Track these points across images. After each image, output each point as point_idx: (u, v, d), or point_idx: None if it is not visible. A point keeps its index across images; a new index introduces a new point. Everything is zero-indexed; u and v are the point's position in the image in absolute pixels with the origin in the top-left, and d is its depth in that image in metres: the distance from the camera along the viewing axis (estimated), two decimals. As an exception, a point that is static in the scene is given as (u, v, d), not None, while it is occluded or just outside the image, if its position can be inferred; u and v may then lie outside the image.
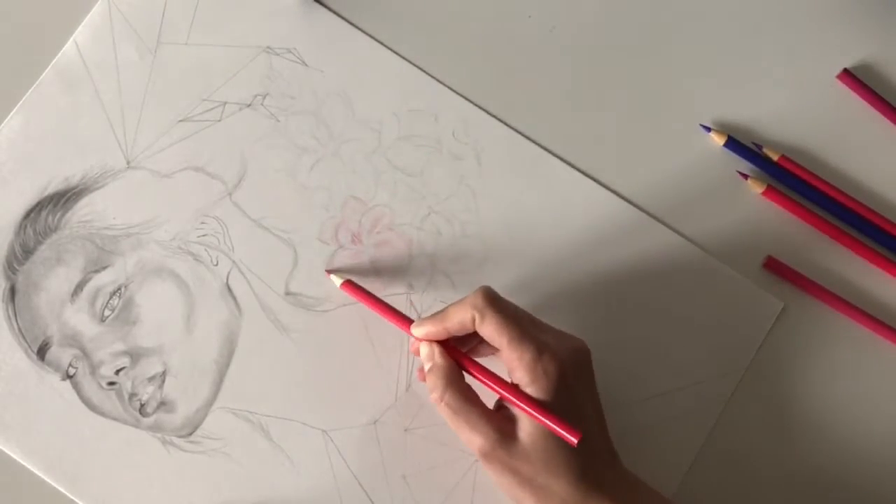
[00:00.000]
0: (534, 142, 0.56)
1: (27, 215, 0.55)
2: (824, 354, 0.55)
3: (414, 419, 0.54)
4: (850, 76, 0.57)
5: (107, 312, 0.54)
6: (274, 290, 0.55)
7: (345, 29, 0.57)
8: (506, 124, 0.56)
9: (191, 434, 0.53)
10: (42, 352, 0.54)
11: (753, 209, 0.56)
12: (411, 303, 0.55)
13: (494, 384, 0.47)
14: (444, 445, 0.53)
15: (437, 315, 0.48)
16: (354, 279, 0.53)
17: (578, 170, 0.56)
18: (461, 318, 0.47)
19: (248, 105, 0.56)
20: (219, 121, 0.56)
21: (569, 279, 0.55)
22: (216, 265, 0.55)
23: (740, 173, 0.56)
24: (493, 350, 0.50)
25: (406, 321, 0.50)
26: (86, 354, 0.54)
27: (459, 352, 0.49)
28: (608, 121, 0.57)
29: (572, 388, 0.46)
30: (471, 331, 0.47)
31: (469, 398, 0.47)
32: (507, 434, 0.46)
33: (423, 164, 0.56)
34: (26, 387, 0.54)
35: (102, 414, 0.53)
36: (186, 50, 0.57)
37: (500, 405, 0.48)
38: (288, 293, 0.55)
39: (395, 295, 0.55)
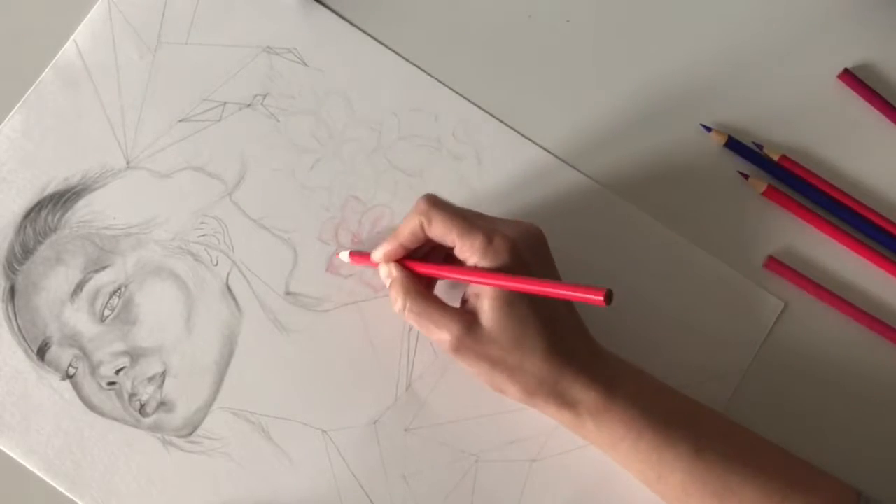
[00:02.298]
0: (534, 142, 0.56)
1: (27, 215, 0.55)
2: (824, 354, 0.55)
3: (414, 419, 0.54)
4: (851, 76, 0.57)
5: (107, 312, 0.54)
6: (274, 290, 0.55)
7: (345, 29, 0.57)
8: (506, 124, 0.56)
9: (191, 434, 0.53)
10: (42, 352, 0.54)
11: (753, 209, 0.56)
12: (411, 303, 0.55)
13: (465, 274, 0.47)
14: (444, 445, 0.53)
15: (391, 235, 0.50)
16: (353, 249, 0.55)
17: (578, 170, 0.56)
18: (411, 229, 0.48)
19: (248, 105, 0.56)
20: (219, 121, 0.56)
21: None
22: (216, 265, 0.55)
23: (740, 173, 0.56)
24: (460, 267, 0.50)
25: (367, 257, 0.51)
26: (85, 354, 0.54)
27: (418, 262, 0.50)
28: (608, 121, 0.57)
29: (529, 265, 0.47)
30: (423, 239, 0.49)
31: (429, 300, 0.48)
32: (472, 324, 0.47)
33: (423, 164, 0.56)
34: (26, 387, 0.53)
35: (102, 414, 0.53)
36: (186, 50, 0.57)
37: (463, 301, 0.49)
38: (288, 293, 0.55)
39: (395, 295, 0.55)
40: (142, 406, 0.53)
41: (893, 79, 0.57)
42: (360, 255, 0.53)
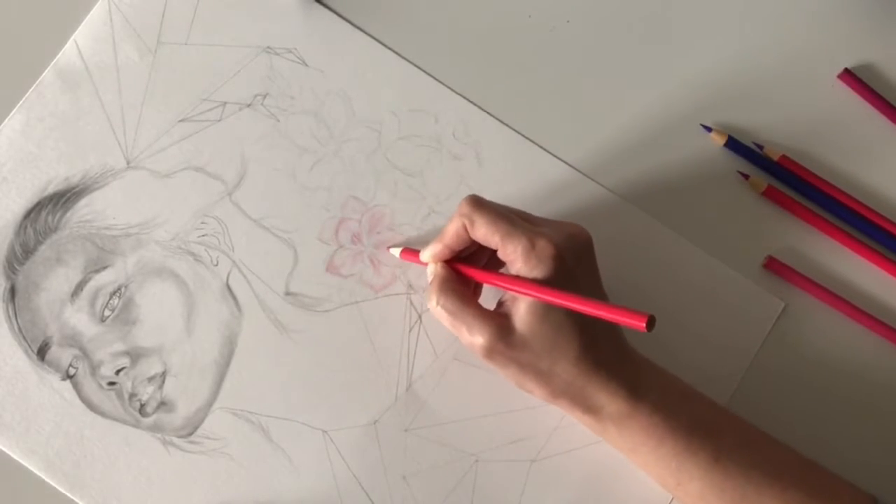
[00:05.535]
0: (534, 142, 0.56)
1: (27, 215, 0.55)
2: (824, 355, 0.55)
3: (414, 419, 0.54)
4: (851, 76, 0.57)
5: (107, 312, 0.54)
6: (274, 290, 0.55)
7: (345, 29, 0.57)
8: (506, 124, 0.56)
9: (191, 434, 0.53)
10: (42, 352, 0.54)
11: (753, 209, 0.56)
12: (411, 303, 0.55)
13: (504, 282, 0.47)
14: (444, 445, 0.53)
15: (437, 236, 0.49)
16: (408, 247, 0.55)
17: (578, 170, 0.56)
18: (455, 230, 0.48)
19: (249, 105, 0.56)
20: (219, 121, 0.56)
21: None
22: (216, 265, 0.55)
23: (740, 173, 0.56)
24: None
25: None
26: (86, 354, 0.54)
27: (462, 263, 0.50)
28: (608, 121, 0.57)
29: (572, 271, 0.47)
30: (468, 241, 0.48)
31: (465, 301, 0.48)
32: (505, 328, 0.46)
33: (423, 164, 0.56)
34: (26, 387, 0.54)
35: (102, 414, 0.53)
36: (186, 50, 0.57)
37: (500, 304, 0.49)
38: (288, 293, 0.55)
39: (395, 295, 0.55)
40: (142, 406, 0.53)
41: (893, 79, 0.57)
42: (411, 252, 0.53)
